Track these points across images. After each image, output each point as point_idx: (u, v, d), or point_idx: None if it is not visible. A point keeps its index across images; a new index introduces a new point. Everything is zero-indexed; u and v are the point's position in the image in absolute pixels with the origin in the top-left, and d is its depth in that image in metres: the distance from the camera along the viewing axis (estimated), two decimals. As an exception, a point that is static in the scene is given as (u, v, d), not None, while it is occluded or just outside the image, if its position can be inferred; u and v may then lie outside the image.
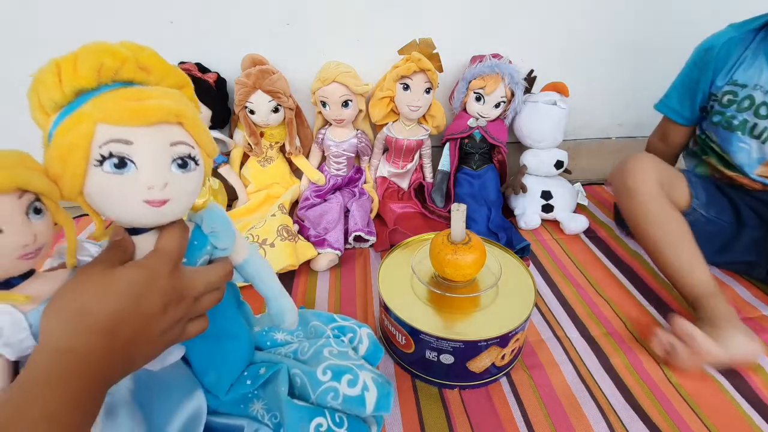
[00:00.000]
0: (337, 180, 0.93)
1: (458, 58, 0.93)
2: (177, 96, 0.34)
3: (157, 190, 0.31)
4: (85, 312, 0.29)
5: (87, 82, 0.30)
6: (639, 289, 0.75)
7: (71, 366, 0.28)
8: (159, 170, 0.31)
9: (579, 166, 1.14)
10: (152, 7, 0.82)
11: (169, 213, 0.33)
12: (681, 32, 1.01)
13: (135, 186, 0.31)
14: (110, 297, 0.30)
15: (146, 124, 0.31)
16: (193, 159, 0.33)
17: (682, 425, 0.52)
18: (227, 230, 0.40)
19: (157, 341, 0.33)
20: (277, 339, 0.54)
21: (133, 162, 0.30)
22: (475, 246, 0.56)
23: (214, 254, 0.40)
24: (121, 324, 0.30)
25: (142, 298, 0.31)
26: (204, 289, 0.36)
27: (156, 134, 0.31)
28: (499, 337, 0.52)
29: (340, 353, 0.50)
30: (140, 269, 0.32)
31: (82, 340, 0.28)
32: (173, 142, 0.32)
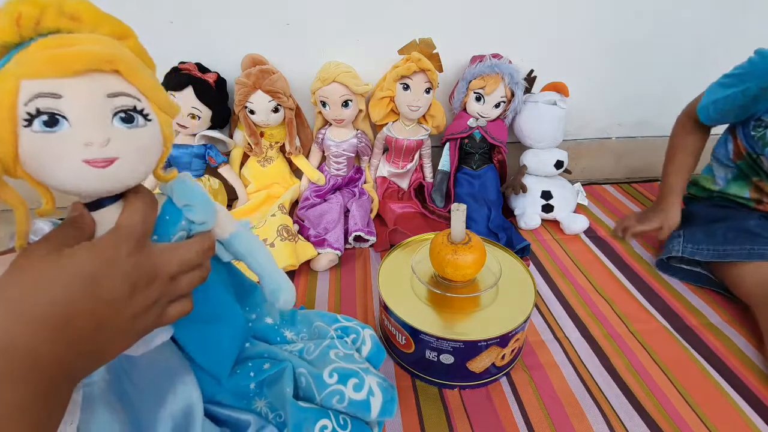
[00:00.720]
0: (337, 180, 0.93)
1: (458, 58, 0.93)
2: (111, 43, 0.29)
3: (97, 147, 0.27)
4: (28, 302, 0.25)
5: (7, 36, 0.27)
6: (639, 289, 0.75)
7: (19, 363, 0.24)
8: (96, 124, 0.28)
9: (579, 166, 1.14)
10: (152, 7, 0.82)
11: (118, 175, 0.29)
12: (681, 32, 1.01)
13: (70, 144, 0.27)
14: (57, 284, 0.26)
15: (74, 74, 0.27)
16: (139, 112, 0.29)
17: (682, 425, 0.52)
18: (203, 202, 0.37)
19: (128, 328, 0.30)
20: (286, 336, 0.53)
21: (64, 118, 0.27)
22: (475, 246, 0.56)
23: (193, 230, 0.36)
24: (74, 314, 0.26)
25: (97, 284, 0.27)
26: (180, 267, 0.32)
27: (88, 85, 0.27)
28: (499, 337, 0.52)
29: (346, 356, 0.49)
30: (92, 250, 0.28)
31: (28, 333, 0.25)
32: (111, 92, 0.28)
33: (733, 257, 0.69)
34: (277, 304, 0.45)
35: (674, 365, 0.60)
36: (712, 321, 0.68)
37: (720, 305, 0.72)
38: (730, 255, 0.69)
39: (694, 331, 0.66)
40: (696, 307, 0.71)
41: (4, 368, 0.24)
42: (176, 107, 0.33)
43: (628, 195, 1.08)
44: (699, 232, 0.75)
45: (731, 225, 0.72)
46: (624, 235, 0.78)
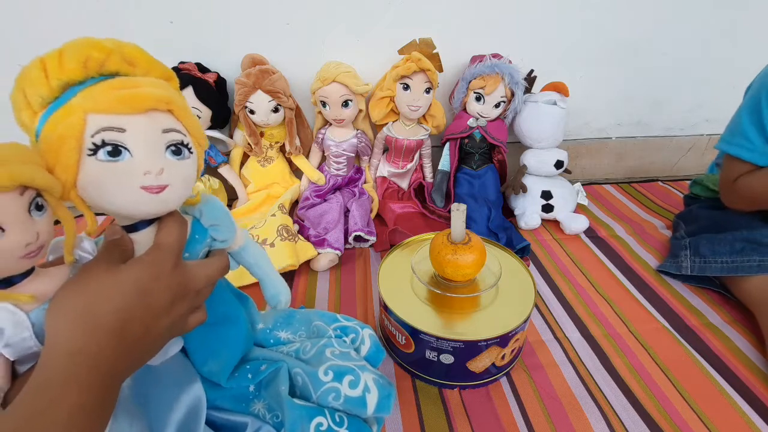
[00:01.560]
0: (337, 180, 0.93)
1: (458, 58, 0.93)
2: (165, 85, 0.34)
3: (154, 176, 0.31)
4: (92, 312, 0.29)
5: (74, 75, 0.30)
6: (640, 289, 0.75)
7: (84, 368, 0.28)
8: (154, 156, 0.31)
9: (579, 166, 1.14)
10: (152, 7, 0.82)
11: (168, 200, 0.33)
12: (681, 32, 1.01)
13: (131, 173, 0.30)
14: (117, 295, 0.29)
15: (137, 112, 0.30)
16: (186, 146, 0.33)
17: (682, 425, 0.52)
18: (228, 223, 0.41)
19: (163, 335, 0.33)
20: (280, 337, 0.54)
21: (127, 149, 0.30)
22: (475, 246, 0.56)
23: (213, 246, 0.40)
24: (128, 322, 0.30)
25: (148, 295, 0.31)
26: (207, 282, 0.36)
27: (148, 121, 0.31)
28: (499, 337, 0.52)
29: (342, 353, 0.50)
30: (144, 265, 0.31)
31: (91, 340, 0.28)
32: (165, 128, 0.32)
33: (741, 271, 0.68)
34: (278, 306, 0.49)
35: (674, 365, 0.60)
36: (713, 321, 0.68)
37: (720, 305, 0.72)
38: (739, 269, 0.68)
39: (695, 331, 0.66)
40: (696, 308, 0.71)
41: (73, 371, 0.27)
42: (207, 140, 0.38)
43: (628, 195, 1.08)
44: (704, 243, 0.74)
45: (737, 235, 0.71)
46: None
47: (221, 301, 0.45)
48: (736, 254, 0.69)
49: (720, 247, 0.71)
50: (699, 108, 1.12)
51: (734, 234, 0.71)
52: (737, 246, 0.70)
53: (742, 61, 0.72)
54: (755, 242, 0.68)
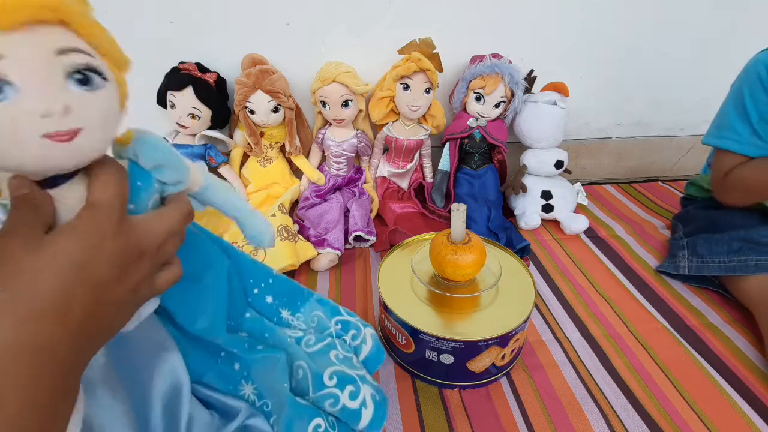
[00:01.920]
0: (337, 180, 0.93)
1: (458, 58, 0.93)
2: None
3: (58, 118, 0.23)
4: (19, 301, 0.24)
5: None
6: (640, 290, 0.75)
7: (21, 365, 0.23)
8: (50, 89, 0.23)
9: (579, 166, 1.14)
10: (152, 7, 0.82)
11: (84, 148, 0.25)
12: (681, 32, 1.01)
13: (24, 116, 0.22)
14: (46, 276, 0.24)
15: (13, 27, 0.22)
16: (95, 71, 0.25)
17: (682, 425, 0.52)
18: (174, 161, 0.33)
19: (125, 304, 0.29)
20: (282, 316, 0.52)
21: (10, 84, 0.22)
22: (475, 246, 0.56)
23: (165, 191, 0.33)
24: (69, 303, 0.25)
25: (88, 268, 0.25)
26: (166, 237, 0.30)
27: (34, 41, 0.23)
28: (499, 337, 0.52)
29: (346, 358, 0.49)
30: (76, 233, 0.26)
31: (27, 329, 0.23)
32: (61, 48, 0.24)
33: (739, 271, 0.68)
34: (261, 246, 0.43)
35: (674, 365, 0.60)
36: (713, 321, 0.68)
37: (720, 305, 0.72)
38: (737, 268, 0.68)
39: (695, 331, 0.66)
40: (696, 308, 0.71)
41: (16, 370, 0.23)
42: (128, 60, 0.29)
43: (628, 195, 1.08)
44: (702, 242, 0.74)
45: (734, 234, 0.71)
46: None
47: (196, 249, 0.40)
48: (733, 254, 0.69)
49: (717, 246, 0.71)
50: (699, 108, 1.12)
51: (731, 234, 0.72)
52: (734, 245, 0.70)
53: (741, 62, 0.72)
54: (752, 242, 0.69)
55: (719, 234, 0.73)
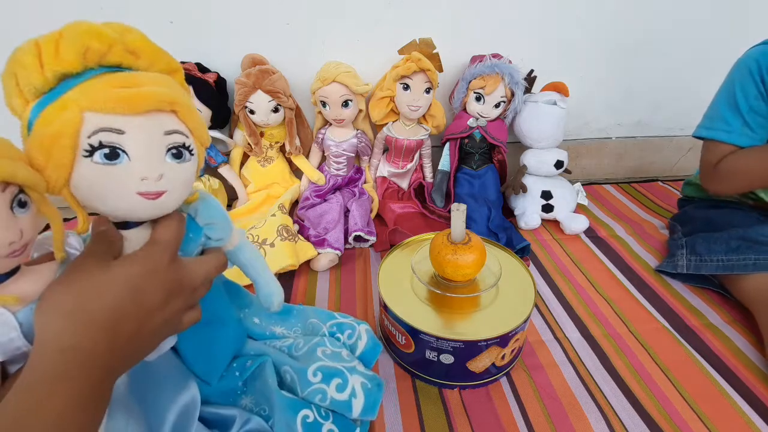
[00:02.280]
0: (337, 180, 0.93)
1: (458, 58, 0.93)
2: (169, 82, 0.32)
3: (152, 182, 0.29)
4: (83, 309, 0.28)
5: (71, 67, 0.28)
6: (639, 289, 0.75)
7: (75, 364, 0.27)
8: (153, 161, 0.30)
9: (579, 166, 1.14)
10: (152, 7, 0.82)
11: (164, 205, 0.31)
12: (680, 32, 1.01)
13: (128, 177, 0.29)
14: (109, 292, 0.29)
15: (138, 113, 0.28)
16: (187, 148, 0.32)
17: (682, 425, 0.52)
18: (223, 222, 0.40)
19: (158, 332, 0.32)
20: (275, 332, 0.54)
21: (125, 152, 0.28)
22: (475, 246, 0.56)
23: (207, 245, 0.39)
24: (122, 319, 0.29)
25: (142, 292, 0.30)
26: (203, 280, 0.35)
27: (149, 123, 0.29)
28: (499, 337, 0.52)
29: (333, 353, 0.50)
30: (138, 262, 0.31)
31: (84, 337, 0.27)
32: (167, 131, 0.30)
33: (737, 269, 0.68)
34: (270, 309, 0.48)
35: (674, 365, 0.60)
36: (713, 321, 0.68)
37: (720, 305, 0.72)
38: (735, 267, 0.68)
39: (695, 331, 0.66)
40: (696, 308, 0.71)
41: (65, 368, 0.27)
42: (210, 138, 0.36)
43: (628, 195, 1.08)
44: (700, 241, 0.74)
45: (733, 233, 0.71)
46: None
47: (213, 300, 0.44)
48: (732, 252, 0.69)
49: (716, 245, 0.72)
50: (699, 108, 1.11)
51: (730, 232, 0.72)
52: (733, 244, 0.70)
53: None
54: (751, 240, 0.69)
55: (718, 233, 0.73)
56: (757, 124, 0.69)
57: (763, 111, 0.68)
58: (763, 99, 0.67)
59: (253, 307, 0.55)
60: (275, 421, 0.44)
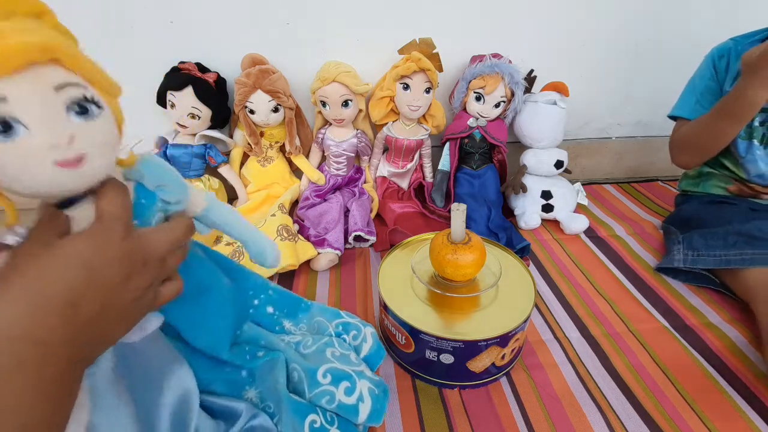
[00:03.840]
0: (337, 180, 0.93)
1: (458, 58, 0.93)
2: (39, 28, 0.27)
3: (64, 147, 0.26)
4: (34, 294, 0.26)
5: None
6: (639, 289, 0.75)
7: (30, 354, 0.25)
8: (56, 123, 0.26)
9: (579, 166, 1.14)
10: (152, 7, 0.82)
11: (91, 172, 0.28)
12: (681, 32, 1.01)
13: (35, 150, 0.25)
14: (59, 273, 0.26)
15: (13, 71, 0.24)
16: (91, 101, 0.28)
17: (682, 425, 0.52)
18: (175, 181, 0.36)
19: (128, 311, 0.30)
20: (284, 326, 0.54)
21: (18, 122, 0.25)
22: (475, 246, 0.56)
23: (169, 210, 0.36)
24: (78, 301, 0.27)
25: (97, 270, 0.28)
26: (169, 248, 0.33)
27: (32, 81, 0.25)
28: (499, 337, 0.52)
29: (342, 356, 0.50)
30: (87, 239, 0.28)
31: (37, 325, 0.25)
32: (57, 85, 0.26)
33: (734, 264, 0.68)
34: (265, 265, 0.45)
35: (674, 365, 0.60)
36: (712, 320, 0.68)
37: (720, 305, 0.72)
38: (732, 262, 0.69)
39: (694, 330, 0.66)
40: (696, 307, 0.71)
41: (18, 358, 0.25)
42: (118, 86, 0.31)
43: (628, 195, 1.08)
44: (697, 237, 0.75)
45: (729, 229, 0.72)
46: None
47: (198, 269, 0.42)
48: (729, 248, 0.70)
49: (713, 240, 0.72)
50: (699, 108, 1.12)
51: (727, 228, 0.73)
52: (730, 240, 0.71)
53: None
54: (748, 235, 0.69)
55: (715, 228, 0.74)
56: (707, 102, 0.77)
57: (713, 90, 0.78)
58: (713, 80, 0.78)
59: (268, 295, 0.54)
60: (282, 422, 0.44)
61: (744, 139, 0.75)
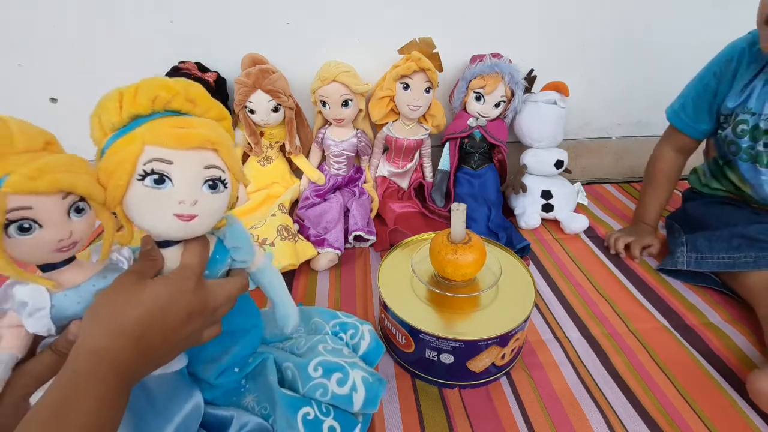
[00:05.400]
0: (337, 179, 0.93)
1: (458, 57, 0.93)
2: (216, 127, 0.38)
3: (187, 206, 0.35)
4: (115, 318, 0.33)
5: (143, 110, 0.35)
6: (639, 289, 0.75)
7: (104, 365, 0.31)
8: (191, 188, 0.35)
9: (579, 166, 1.14)
10: (152, 7, 0.82)
11: (195, 228, 0.36)
12: (681, 32, 1.01)
13: (168, 200, 0.34)
14: (140, 308, 0.33)
15: (186, 148, 0.34)
16: (222, 182, 0.37)
17: (682, 425, 0.52)
18: (248, 246, 0.44)
19: (177, 347, 0.37)
20: (276, 333, 0.54)
21: (170, 179, 0.34)
22: (475, 246, 0.56)
23: (233, 265, 0.43)
24: (147, 331, 0.33)
25: (168, 311, 0.34)
26: (224, 302, 0.39)
27: (193, 157, 0.35)
28: (499, 337, 0.52)
29: (334, 350, 0.50)
30: (167, 284, 0.35)
31: (113, 342, 0.32)
32: (207, 165, 0.36)
33: (738, 267, 0.68)
34: (285, 331, 0.50)
35: (674, 365, 0.60)
36: (712, 320, 0.68)
37: (720, 304, 0.72)
38: (736, 265, 0.69)
39: (694, 330, 0.66)
40: (696, 306, 0.71)
41: (95, 367, 0.31)
42: (247, 179, 0.43)
43: (628, 195, 1.08)
44: (701, 239, 0.74)
45: (734, 231, 0.72)
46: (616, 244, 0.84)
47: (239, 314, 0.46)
48: (733, 250, 0.70)
49: (717, 243, 0.72)
50: (699, 108, 1.12)
51: (731, 230, 0.72)
52: (734, 242, 0.70)
53: None
54: (751, 238, 0.69)
55: (719, 231, 0.74)
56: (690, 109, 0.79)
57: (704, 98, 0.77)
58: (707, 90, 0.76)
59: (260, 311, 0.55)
60: (276, 419, 0.44)
61: (746, 161, 0.71)
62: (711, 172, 0.83)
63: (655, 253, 0.82)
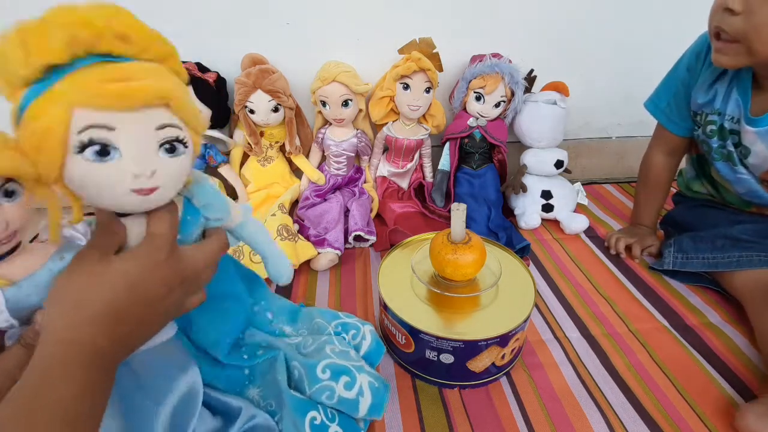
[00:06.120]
0: (337, 179, 0.93)
1: (458, 57, 0.93)
2: (162, 73, 0.30)
3: (145, 179, 0.29)
4: (82, 304, 0.29)
5: (58, 58, 0.27)
6: (639, 289, 0.75)
7: (73, 357, 0.28)
8: (145, 157, 0.29)
9: (579, 166, 1.14)
10: (152, 7, 0.82)
11: (158, 200, 0.31)
12: (681, 32, 1.01)
13: (120, 175, 0.28)
14: (106, 289, 0.30)
15: (130, 109, 0.28)
16: (181, 141, 0.31)
17: (682, 425, 0.52)
18: (219, 201, 0.40)
19: (160, 320, 0.34)
20: (284, 331, 0.54)
21: (116, 149, 0.28)
22: (475, 246, 0.56)
23: (208, 225, 0.39)
24: (119, 315, 0.30)
25: (139, 287, 0.31)
26: (205, 267, 0.36)
27: (141, 119, 0.28)
28: (499, 337, 0.52)
29: (342, 352, 0.50)
30: (136, 258, 0.31)
31: (81, 332, 0.29)
32: (159, 125, 0.29)
33: (721, 266, 0.70)
34: (280, 282, 0.49)
35: (674, 364, 0.60)
36: (712, 320, 0.68)
37: (719, 304, 0.72)
38: (719, 264, 0.70)
39: (694, 330, 0.66)
40: (695, 306, 0.71)
41: (63, 359, 0.28)
42: (205, 125, 0.36)
43: (628, 195, 1.08)
44: (687, 240, 0.76)
45: (717, 232, 0.73)
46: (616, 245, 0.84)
47: (223, 279, 0.44)
48: (717, 251, 0.71)
49: (702, 244, 0.73)
50: (699, 108, 1.12)
51: (715, 231, 0.74)
52: (718, 243, 0.72)
53: None
54: (734, 239, 0.71)
55: (704, 232, 0.75)
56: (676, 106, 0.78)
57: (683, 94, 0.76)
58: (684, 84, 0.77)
59: (268, 301, 0.54)
60: (282, 418, 0.44)
61: (718, 161, 0.70)
62: (694, 170, 0.84)
63: (655, 252, 0.82)
